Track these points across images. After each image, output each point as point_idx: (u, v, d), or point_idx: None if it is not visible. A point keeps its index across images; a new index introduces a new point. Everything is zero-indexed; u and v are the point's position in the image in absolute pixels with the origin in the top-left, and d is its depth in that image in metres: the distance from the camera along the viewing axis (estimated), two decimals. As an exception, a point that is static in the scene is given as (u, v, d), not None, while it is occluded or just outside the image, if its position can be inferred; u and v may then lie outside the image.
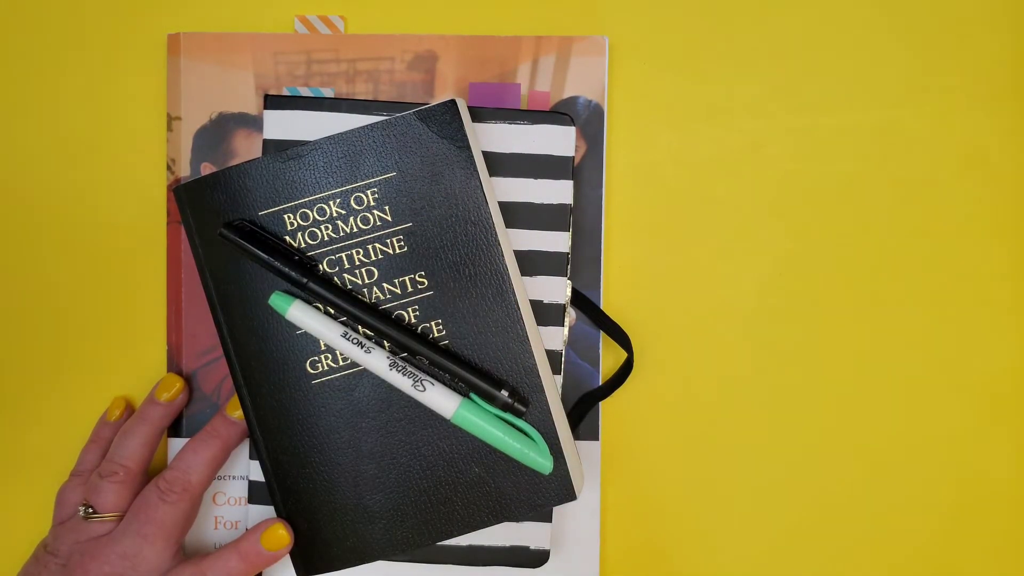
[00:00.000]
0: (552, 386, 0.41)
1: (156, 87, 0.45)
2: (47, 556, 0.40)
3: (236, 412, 0.42)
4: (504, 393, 0.40)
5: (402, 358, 0.40)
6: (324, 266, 0.40)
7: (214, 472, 0.42)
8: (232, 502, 0.44)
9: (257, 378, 0.41)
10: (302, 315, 0.40)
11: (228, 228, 0.39)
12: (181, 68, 0.44)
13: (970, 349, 0.45)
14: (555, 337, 0.43)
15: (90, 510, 0.41)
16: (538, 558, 0.43)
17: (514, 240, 0.42)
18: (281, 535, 0.40)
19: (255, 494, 0.43)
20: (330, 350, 0.41)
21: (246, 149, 0.44)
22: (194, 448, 0.42)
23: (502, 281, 0.40)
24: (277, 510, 0.41)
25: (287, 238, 0.40)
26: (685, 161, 0.45)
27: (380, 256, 0.40)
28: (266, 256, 0.39)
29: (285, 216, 0.40)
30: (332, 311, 0.40)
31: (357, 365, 0.41)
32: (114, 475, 0.41)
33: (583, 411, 0.44)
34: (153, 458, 0.43)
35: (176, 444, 0.44)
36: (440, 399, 0.40)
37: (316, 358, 0.41)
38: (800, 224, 0.45)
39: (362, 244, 0.40)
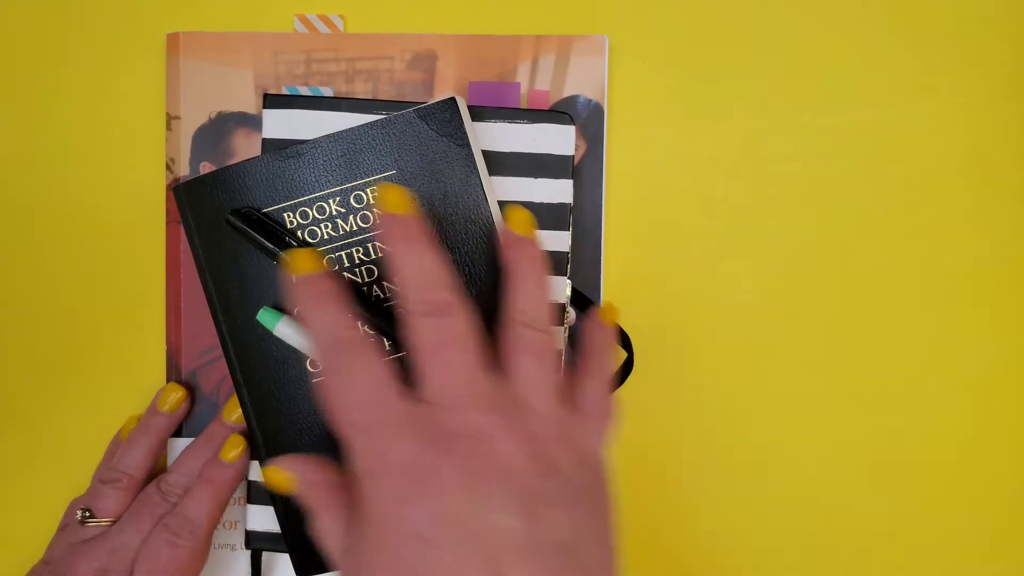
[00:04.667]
0: (552, 385, 0.41)
1: (155, 87, 0.45)
2: (40, 566, 0.40)
3: (234, 414, 0.42)
4: None
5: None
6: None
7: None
8: (232, 502, 0.44)
9: (257, 378, 0.41)
10: (290, 331, 0.40)
11: (235, 215, 0.39)
12: (180, 68, 0.44)
13: (970, 348, 0.45)
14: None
15: (87, 514, 0.41)
16: (538, 558, 0.43)
17: (514, 239, 0.42)
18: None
19: (255, 494, 0.43)
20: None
21: (245, 148, 0.44)
22: (193, 454, 0.42)
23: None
24: (277, 509, 0.41)
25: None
26: (685, 161, 0.45)
27: (380, 255, 0.40)
28: (272, 246, 0.39)
29: (285, 215, 0.40)
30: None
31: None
32: (117, 481, 0.41)
33: (583, 411, 0.44)
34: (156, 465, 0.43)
35: (176, 444, 0.44)
36: None
37: (316, 357, 0.40)
38: (800, 224, 0.45)
39: (362, 243, 0.40)
